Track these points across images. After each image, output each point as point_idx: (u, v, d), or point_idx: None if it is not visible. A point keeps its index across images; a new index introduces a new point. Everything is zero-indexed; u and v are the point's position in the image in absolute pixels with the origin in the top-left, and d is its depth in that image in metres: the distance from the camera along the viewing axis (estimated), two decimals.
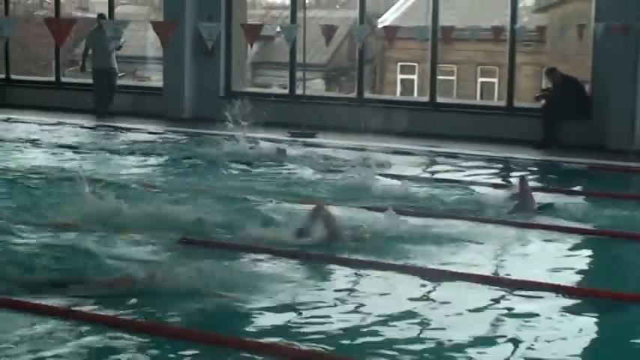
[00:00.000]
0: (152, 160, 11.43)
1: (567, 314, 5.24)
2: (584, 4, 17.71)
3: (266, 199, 8.57)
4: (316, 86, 22.47)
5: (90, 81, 16.29)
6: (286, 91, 16.48)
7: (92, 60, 15.59)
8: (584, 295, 5.70)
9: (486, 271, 6.47)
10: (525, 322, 5.00)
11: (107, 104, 15.12)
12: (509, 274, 6.39)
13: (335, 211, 7.67)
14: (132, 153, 11.70)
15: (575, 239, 7.50)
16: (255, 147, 12.21)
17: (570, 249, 7.13)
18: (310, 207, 7.68)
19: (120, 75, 17.22)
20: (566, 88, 13.39)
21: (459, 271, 6.28)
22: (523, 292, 5.66)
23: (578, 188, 10.29)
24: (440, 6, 14.92)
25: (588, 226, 7.73)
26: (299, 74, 16.59)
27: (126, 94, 16.87)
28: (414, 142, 12.76)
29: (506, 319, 5.20)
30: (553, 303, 5.33)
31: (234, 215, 7.67)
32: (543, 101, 13.88)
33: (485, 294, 5.87)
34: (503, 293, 5.88)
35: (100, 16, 15.40)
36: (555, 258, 6.70)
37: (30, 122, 14.29)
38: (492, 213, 8.00)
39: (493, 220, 7.79)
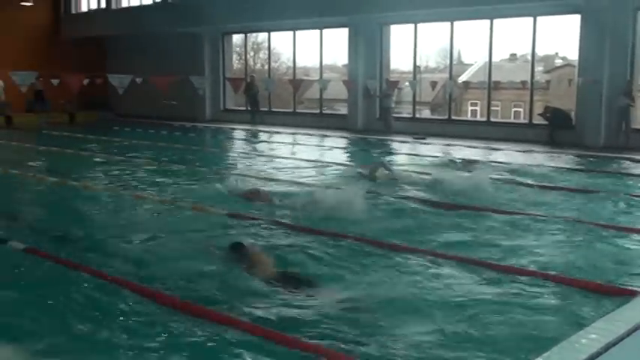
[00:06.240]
0: None
1: None
2: (571, 68, 21.46)
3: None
4: (425, 113, 25.82)
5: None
6: (411, 115, 21.03)
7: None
8: None
9: None
10: None
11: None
12: None
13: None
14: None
15: None
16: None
17: None
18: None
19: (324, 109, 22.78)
20: (556, 114, 17.32)
21: None
22: None
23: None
24: (492, 69, 19.15)
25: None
26: (417, 106, 21.39)
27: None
28: (477, 142, 16.62)
29: None
30: None
31: None
32: (548, 115, 17.16)
33: None
34: None
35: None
36: None
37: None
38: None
39: None
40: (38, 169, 12.40)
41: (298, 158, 13.93)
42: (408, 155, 14.74)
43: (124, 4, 26.80)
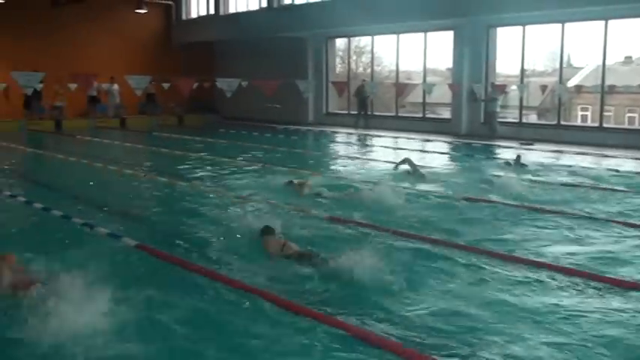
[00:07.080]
0: None
1: None
2: None
3: None
4: (532, 118, 24.75)
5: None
6: (517, 120, 20.49)
7: None
8: None
9: None
10: None
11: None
12: None
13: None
14: None
15: None
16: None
17: None
18: None
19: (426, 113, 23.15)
20: None
21: None
22: None
23: None
24: (605, 73, 18.27)
25: None
26: (523, 111, 20.85)
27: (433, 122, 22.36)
28: (587, 148, 16.42)
29: None
30: None
31: None
32: None
33: None
34: None
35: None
36: None
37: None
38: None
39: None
40: (149, 169, 12.95)
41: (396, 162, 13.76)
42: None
43: (232, 9, 27.56)
